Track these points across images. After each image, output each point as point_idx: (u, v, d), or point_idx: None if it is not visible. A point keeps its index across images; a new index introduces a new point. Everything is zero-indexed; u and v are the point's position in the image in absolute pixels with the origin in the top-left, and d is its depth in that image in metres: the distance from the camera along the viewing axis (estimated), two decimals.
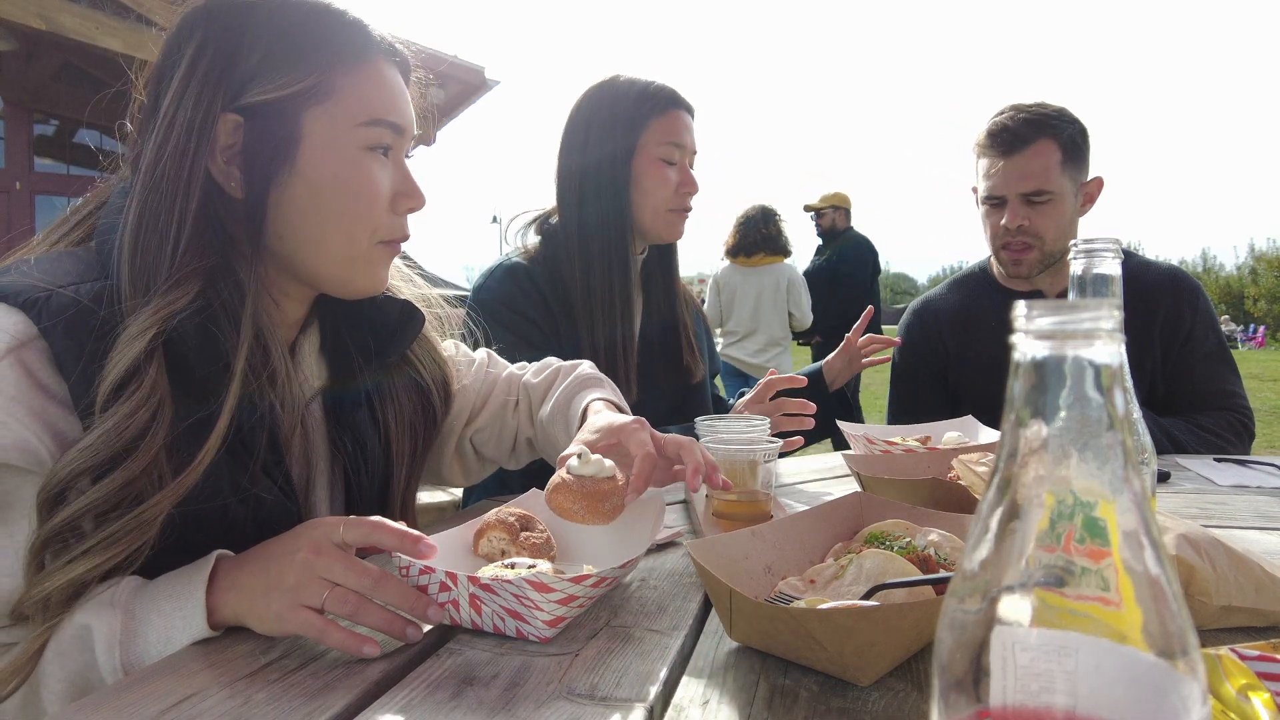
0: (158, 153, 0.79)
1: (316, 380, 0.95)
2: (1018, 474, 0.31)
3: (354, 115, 0.83)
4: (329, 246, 0.86)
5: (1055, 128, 1.59)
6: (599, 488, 0.80)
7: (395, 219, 0.89)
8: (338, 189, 0.84)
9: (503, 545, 0.79)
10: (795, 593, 0.68)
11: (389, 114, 0.86)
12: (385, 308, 0.98)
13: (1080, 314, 0.30)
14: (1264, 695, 0.46)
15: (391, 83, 0.88)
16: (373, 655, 0.61)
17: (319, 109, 0.82)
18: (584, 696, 0.54)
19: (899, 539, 0.72)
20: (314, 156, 0.83)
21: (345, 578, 0.66)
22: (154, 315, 0.73)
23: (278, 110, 0.81)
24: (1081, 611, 0.29)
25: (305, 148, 0.82)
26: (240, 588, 0.67)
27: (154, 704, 0.54)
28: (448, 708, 0.53)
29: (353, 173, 0.84)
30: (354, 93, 0.84)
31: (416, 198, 0.90)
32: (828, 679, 0.56)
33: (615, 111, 1.47)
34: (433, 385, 1.06)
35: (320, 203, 0.84)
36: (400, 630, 0.65)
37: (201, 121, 0.79)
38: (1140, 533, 0.29)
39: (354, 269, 0.88)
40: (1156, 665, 0.29)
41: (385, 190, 0.87)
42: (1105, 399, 0.30)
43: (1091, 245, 0.63)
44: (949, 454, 1.10)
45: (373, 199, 0.85)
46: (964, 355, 1.78)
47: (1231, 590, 0.63)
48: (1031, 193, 1.59)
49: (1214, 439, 1.55)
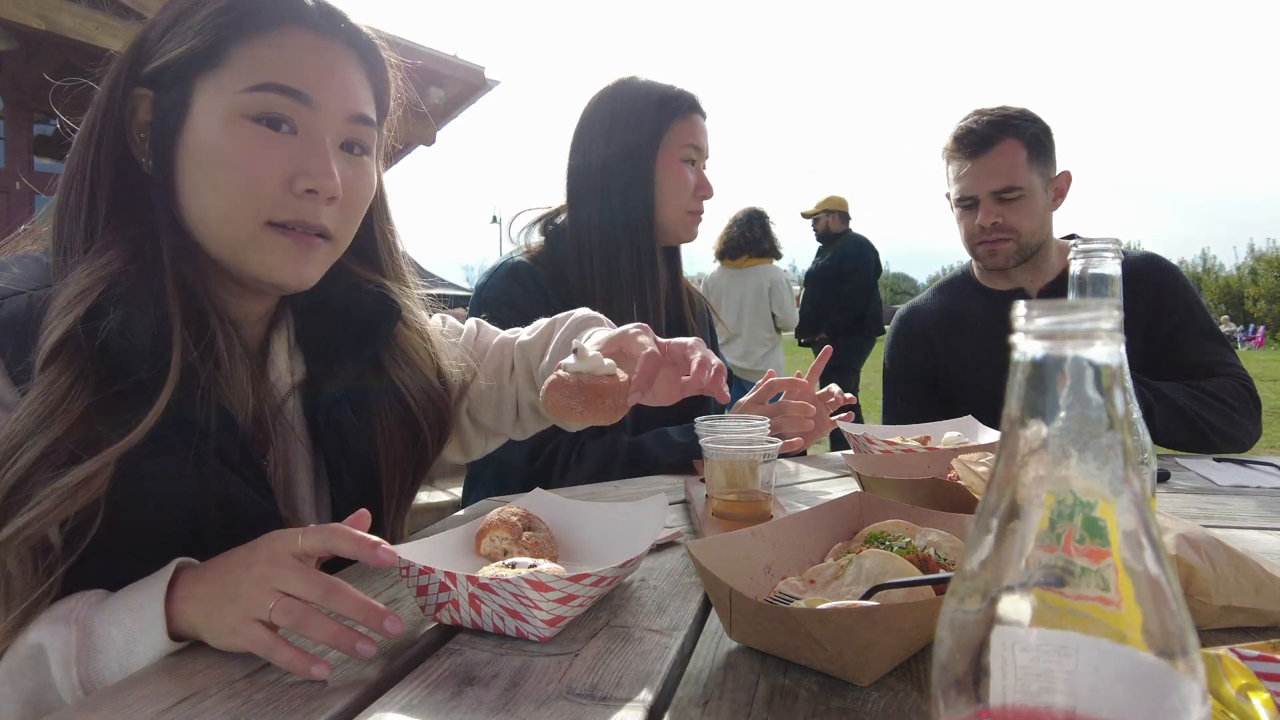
0: (79, 136, 0.79)
1: (289, 376, 0.90)
2: (1017, 474, 0.31)
3: (241, 81, 0.77)
4: (211, 226, 0.79)
5: (1018, 127, 1.65)
6: (598, 383, 0.76)
7: (292, 200, 0.79)
8: (214, 160, 0.77)
9: (505, 545, 0.79)
10: (795, 593, 0.68)
11: (284, 79, 0.77)
12: (358, 300, 0.93)
13: (1080, 314, 0.30)
14: (1264, 695, 0.46)
15: (305, 51, 0.79)
16: (321, 676, 0.57)
17: (209, 76, 0.77)
18: (584, 696, 0.54)
19: (899, 539, 0.72)
20: (198, 125, 0.77)
21: (295, 587, 0.62)
22: (80, 283, 0.72)
23: (173, 77, 0.78)
24: (1081, 611, 0.29)
25: (192, 116, 0.77)
26: (196, 598, 0.64)
27: (153, 704, 0.54)
28: (447, 708, 0.53)
29: (227, 141, 0.76)
30: (247, 58, 0.77)
31: (316, 177, 0.78)
32: (827, 679, 0.56)
33: (638, 110, 1.49)
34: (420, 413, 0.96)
35: (200, 176, 0.78)
36: (349, 644, 0.59)
37: (109, 97, 0.78)
38: (1140, 533, 0.29)
39: (242, 254, 0.80)
40: (1156, 665, 0.29)
41: (274, 164, 0.77)
42: (1105, 399, 0.30)
43: (1091, 245, 0.63)
44: (949, 454, 1.10)
45: (251, 173, 0.77)
46: (952, 358, 1.81)
47: (1231, 590, 0.63)
48: (1002, 190, 1.65)
49: (1217, 403, 1.53)
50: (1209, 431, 1.50)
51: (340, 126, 0.82)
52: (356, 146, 0.85)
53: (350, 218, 0.86)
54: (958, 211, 1.74)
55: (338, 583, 0.63)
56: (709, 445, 0.97)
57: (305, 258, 0.82)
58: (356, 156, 0.85)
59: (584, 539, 0.85)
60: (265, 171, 0.77)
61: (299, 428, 0.90)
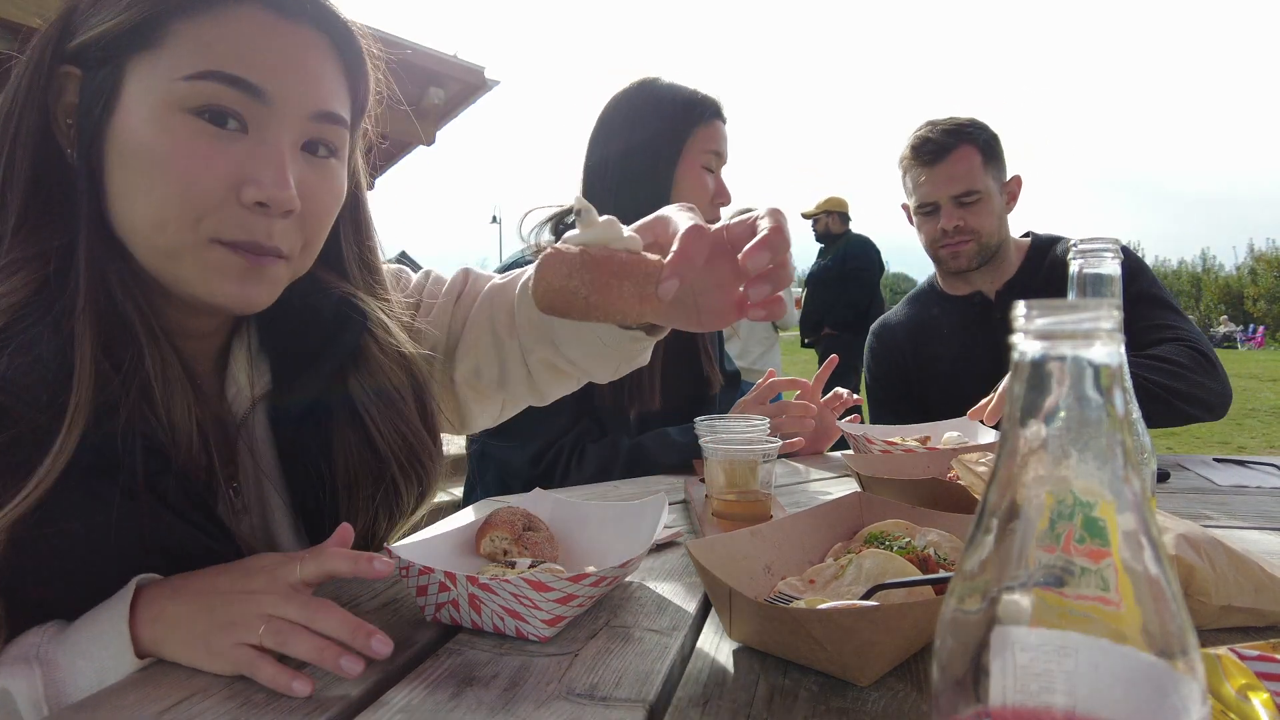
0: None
1: (250, 390, 0.80)
2: (1017, 474, 0.31)
3: (180, 67, 0.65)
4: (143, 233, 0.68)
5: (971, 134, 1.74)
6: (612, 258, 0.59)
7: (240, 213, 0.67)
8: (144, 158, 0.65)
9: (505, 545, 0.79)
10: (795, 593, 0.68)
11: (232, 67, 0.66)
12: (319, 307, 0.80)
13: (1079, 314, 0.30)
14: (1263, 695, 0.46)
15: (260, 36, 0.68)
16: (302, 693, 0.55)
17: (144, 57, 0.66)
18: (584, 696, 0.54)
19: (899, 539, 0.72)
20: (127, 115, 0.66)
21: (285, 610, 0.60)
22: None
23: (101, 55, 0.66)
24: (1081, 611, 0.29)
25: (122, 103, 0.66)
26: (169, 620, 0.61)
27: (152, 705, 0.54)
28: (447, 708, 0.53)
29: (160, 137, 0.65)
30: (190, 40, 0.65)
31: (268, 186, 0.66)
32: (827, 679, 0.56)
33: (662, 113, 1.49)
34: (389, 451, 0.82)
35: (128, 175, 0.66)
36: (333, 659, 0.57)
37: (31, 75, 0.67)
38: (1140, 533, 0.30)
39: (177, 267, 0.68)
40: (1156, 665, 0.29)
41: (217, 168, 0.66)
42: (1105, 399, 0.30)
43: (1091, 245, 0.63)
44: (948, 454, 1.10)
45: (188, 176, 0.65)
46: (924, 365, 1.87)
47: (1231, 590, 0.63)
48: (961, 194, 1.72)
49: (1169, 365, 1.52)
50: (1170, 396, 1.48)
51: (301, 125, 0.70)
52: (322, 148, 0.73)
53: (313, 234, 0.74)
54: (918, 219, 1.82)
55: (325, 603, 0.62)
56: (709, 445, 0.97)
57: (256, 278, 0.70)
58: (322, 160, 0.73)
59: (584, 539, 0.85)
60: (206, 175, 0.66)
61: (265, 446, 0.80)
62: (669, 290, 0.60)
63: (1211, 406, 1.54)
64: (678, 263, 0.60)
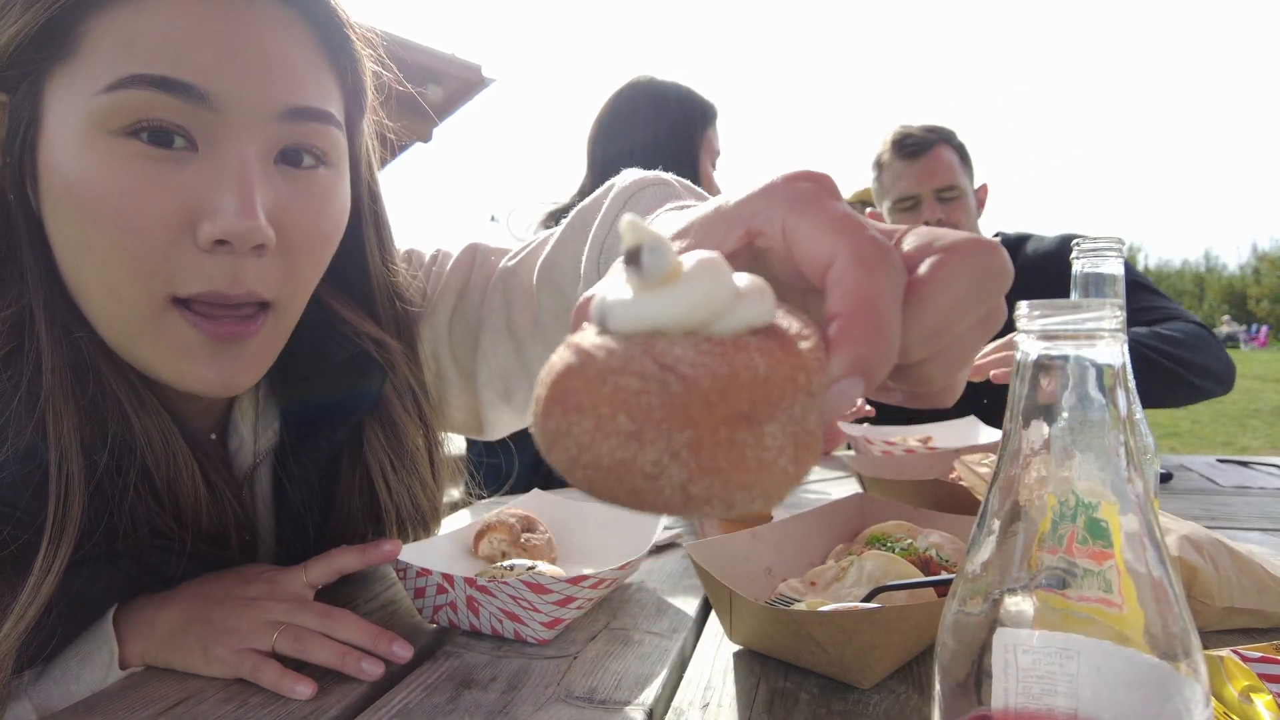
0: None
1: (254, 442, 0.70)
2: (1020, 475, 0.31)
3: (98, 76, 0.50)
4: (96, 302, 0.55)
5: (948, 137, 1.77)
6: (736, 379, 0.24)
7: (197, 258, 0.53)
8: (72, 200, 0.52)
9: (503, 547, 0.78)
10: (796, 595, 0.67)
11: (159, 65, 0.50)
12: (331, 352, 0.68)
13: (1082, 314, 0.29)
14: (1266, 697, 0.46)
15: (195, 19, 0.51)
16: (305, 695, 0.54)
17: (62, 69, 0.52)
18: (583, 700, 0.54)
19: (900, 540, 0.71)
20: (49, 146, 0.52)
21: (300, 618, 0.59)
22: None
23: (19, 73, 0.53)
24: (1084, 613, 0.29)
25: (44, 132, 0.53)
26: (163, 632, 0.59)
27: (149, 707, 0.54)
28: (445, 710, 0.53)
29: (86, 171, 0.51)
30: (109, 40, 0.51)
31: (226, 217, 0.51)
32: (828, 682, 0.56)
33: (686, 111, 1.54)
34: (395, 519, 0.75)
35: (63, 226, 0.54)
36: (355, 664, 0.56)
37: None
38: (1143, 534, 0.29)
39: (138, 348, 0.56)
40: (1159, 667, 0.28)
41: (159, 202, 0.51)
42: (1108, 399, 0.29)
43: (1094, 245, 0.63)
44: (950, 455, 1.10)
45: (123, 217, 0.51)
46: None
47: (1234, 592, 0.63)
48: (944, 188, 1.73)
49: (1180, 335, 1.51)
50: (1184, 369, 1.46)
51: (268, 129, 0.55)
52: (305, 156, 0.58)
53: (302, 269, 0.60)
54: (896, 217, 1.81)
55: (342, 611, 0.60)
56: None
57: (227, 355, 0.57)
58: (306, 171, 0.58)
59: (583, 540, 0.84)
60: (147, 217, 0.51)
61: (264, 498, 0.72)
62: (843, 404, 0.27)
63: (1222, 378, 1.53)
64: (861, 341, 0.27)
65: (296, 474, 0.70)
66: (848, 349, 0.26)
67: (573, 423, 0.24)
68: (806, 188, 0.31)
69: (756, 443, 0.24)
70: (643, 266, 0.26)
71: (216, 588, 0.63)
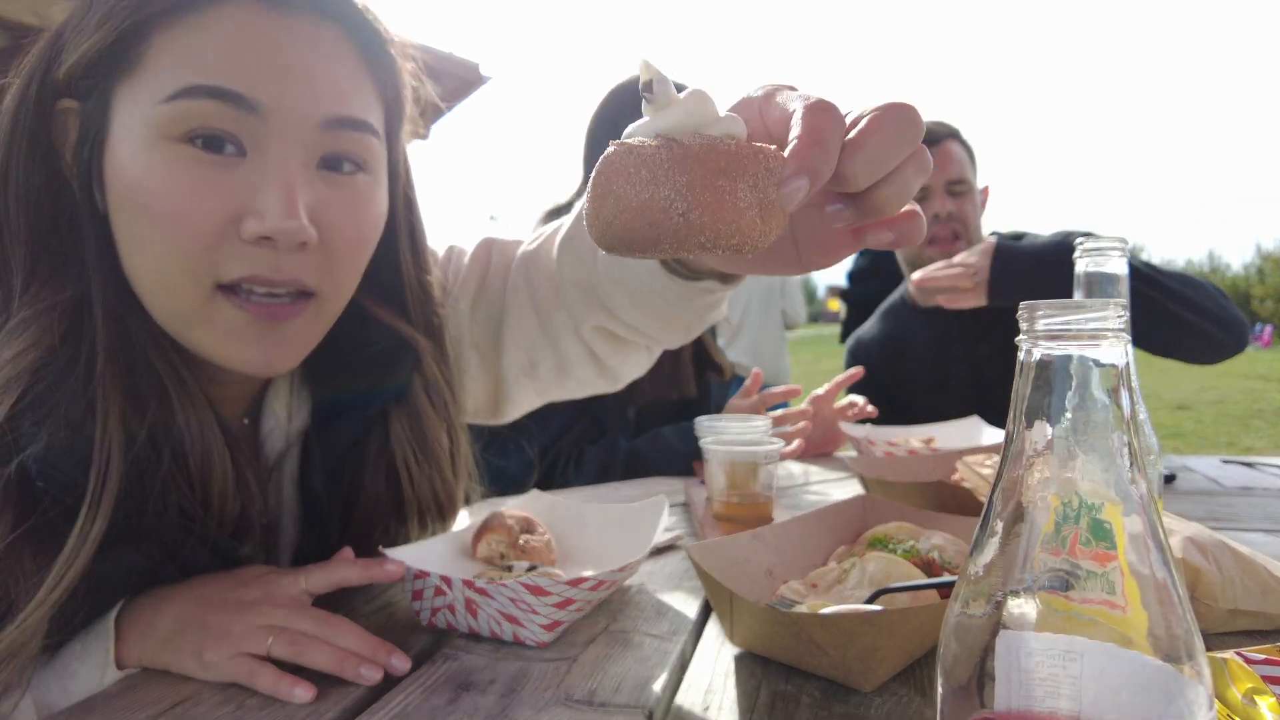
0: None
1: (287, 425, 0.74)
2: (1023, 476, 0.31)
3: (162, 85, 0.56)
4: (152, 293, 0.61)
5: (955, 133, 1.76)
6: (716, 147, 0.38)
7: (244, 251, 0.59)
8: (136, 202, 0.58)
9: (502, 548, 0.78)
10: (797, 597, 0.67)
11: (217, 76, 0.56)
12: (368, 343, 0.73)
13: (1086, 314, 0.29)
14: (1270, 699, 0.46)
15: (247, 32, 0.57)
16: (305, 699, 0.54)
17: (128, 81, 0.58)
18: (582, 702, 0.54)
19: (902, 542, 0.71)
20: (115, 151, 0.58)
21: (298, 623, 0.58)
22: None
23: (90, 84, 0.59)
24: (1087, 615, 0.29)
25: (110, 138, 0.59)
26: (160, 635, 0.59)
27: (146, 710, 0.54)
28: (444, 713, 0.52)
29: (146, 174, 0.57)
30: (170, 54, 0.57)
31: (271, 217, 0.57)
32: (830, 685, 0.56)
33: None
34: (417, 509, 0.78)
35: (128, 225, 0.59)
36: (353, 668, 0.55)
37: (18, 111, 0.59)
38: (1146, 535, 0.29)
39: (190, 330, 0.61)
40: (1162, 670, 0.28)
41: (210, 204, 0.57)
42: (1111, 400, 0.29)
43: (1098, 244, 0.63)
44: (953, 456, 1.10)
45: (181, 219, 0.57)
46: (899, 380, 1.85)
47: (1238, 593, 0.63)
48: (955, 180, 1.73)
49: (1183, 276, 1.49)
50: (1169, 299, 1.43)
51: (311, 138, 0.60)
52: (345, 163, 0.63)
53: (342, 268, 0.65)
54: None
55: (341, 618, 0.60)
56: (709, 446, 0.97)
57: (272, 335, 0.62)
58: (346, 177, 0.63)
59: (582, 542, 0.84)
60: (197, 213, 0.57)
61: (290, 483, 0.75)
62: (795, 194, 0.38)
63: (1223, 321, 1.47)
64: (806, 152, 0.39)
65: (320, 459, 0.73)
66: (798, 155, 0.39)
67: (614, 184, 0.38)
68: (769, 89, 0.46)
69: (732, 191, 0.37)
70: (654, 94, 0.40)
71: (213, 591, 0.62)
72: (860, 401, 1.57)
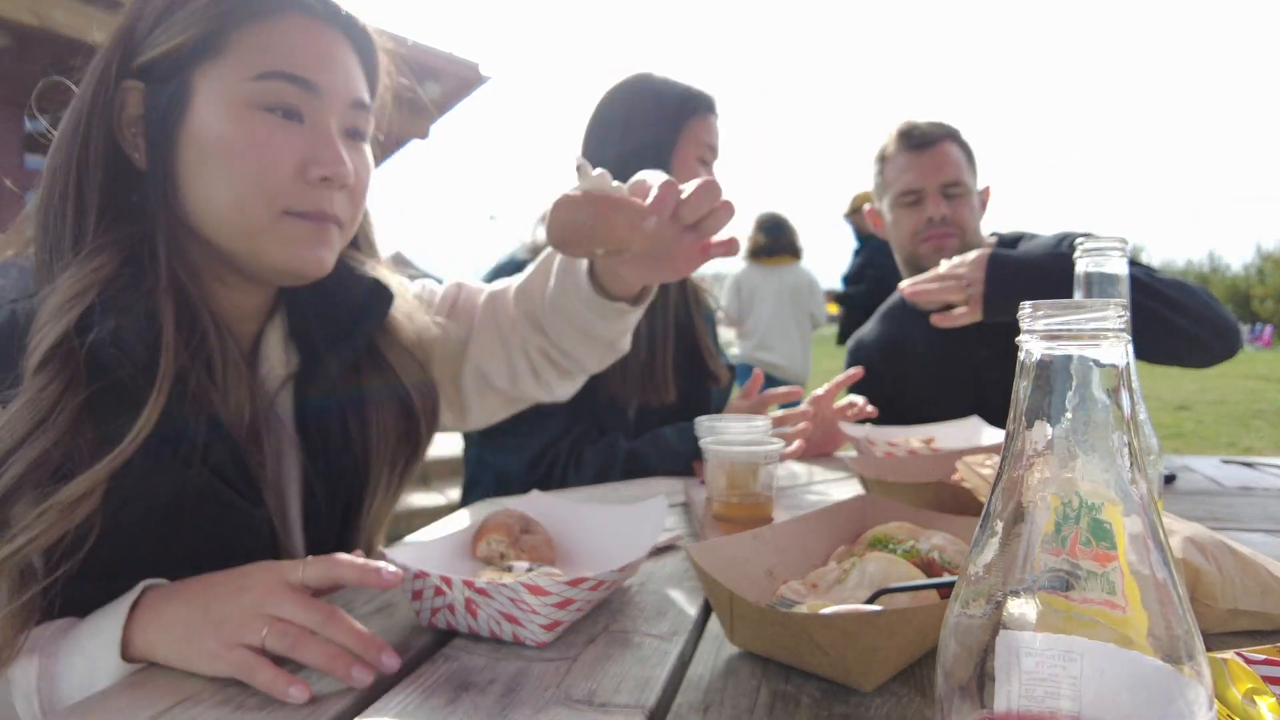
0: (61, 133, 0.76)
1: (282, 369, 0.89)
2: (1023, 476, 0.31)
3: (246, 70, 0.76)
4: (224, 217, 0.78)
5: (953, 134, 1.73)
6: (609, 195, 0.71)
7: (306, 189, 0.79)
8: (223, 151, 0.76)
9: (502, 548, 0.78)
10: (797, 597, 0.67)
11: (291, 67, 0.77)
12: (351, 286, 0.91)
13: (1086, 314, 0.29)
14: (1270, 699, 0.46)
15: (306, 38, 0.79)
16: (299, 700, 0.55)
17: (210, 65, 0.76)
18: (582, 702, 0.54)
19: (902, 542, 0.71)
20: (201, 116, 0.76)
21: (292, 613, 0.60)
22: (71, 288, 0.69)
23: (169, 69, 0.76)
24: (1087, 616, 0.29)
25: (194, 107, 0.76)
26: (165, 623, 0.62)
27: (146, 709, 0.54)
28: (443, 713, 0.52)
29: (237, 131, 0.76)
30: (250, 46, 0.77)
31: (329, 164, 0.79)
32: (830, 685, 0.56)
33: (660, 105, 1.50)
34: (416, 397, 0.95)
35: (207, 168, 0.77)
36: (345, 668, 0.57)
37: (96, 90, 0.76)
38: (1147, 536, 0.29)
39: (260, 242, 0.79)
40: (1162, 670, 0.28)
41: (286, 153, 0.78)
42: (1111, 400, 0.29)
43: (1098, 244, 0.63)
44: (953, 456, 1.10)
45: (263, 161, 0.77)
46: (899, 383, 1.83)
47: (1238, 594, 0.63)
48: (951, 183, 1.70)
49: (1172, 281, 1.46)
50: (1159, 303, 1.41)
51: (344, 113, 0.82)
52: (356, 133, 0.85)
53: (357, 205, 0.87)
54: (898, 212, 1.76)
55: (335, 610, 0.61)
56: (709, 446, 0.97)
57: (324, 242, 0.82)
58: (357, 143, 0.86)
59: (582, 542, 0.84)
60: (279, 160, 0.77)
61: (288, 422, 0.88)
62: (650, 224, 0.73)
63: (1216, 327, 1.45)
64: (656, 205, 0.73)
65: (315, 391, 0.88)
66: (653, 204, 0.72)
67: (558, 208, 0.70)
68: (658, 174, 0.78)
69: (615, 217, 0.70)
70: (580, 171, 0.72)
71: (218, 581, 0.65)
72: (860, 401, 1.57)
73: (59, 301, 0.69)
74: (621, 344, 1.04)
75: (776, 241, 4.60)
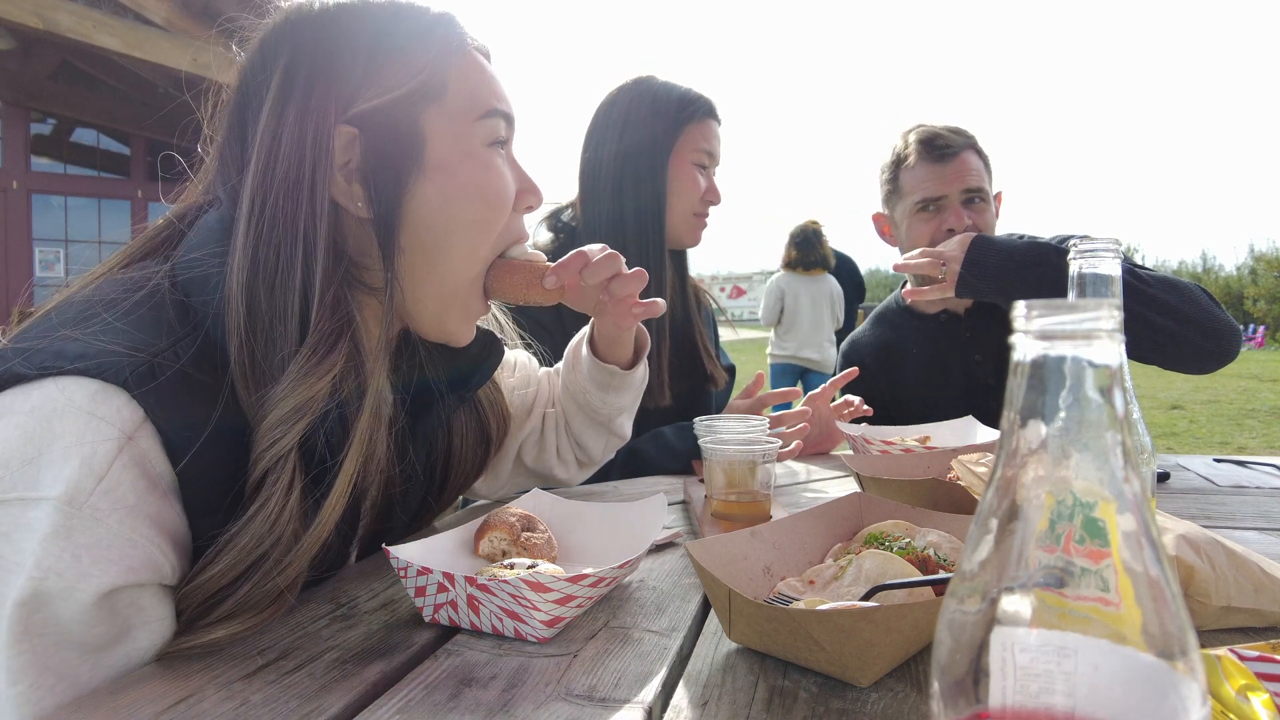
0: (265, 180, 0.70)
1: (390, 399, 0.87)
2: (1017, 474, 0.31)
3: (470, 109, 0.78)
4: (452, 260, 0.79)
5: (972, 142, 1.73)
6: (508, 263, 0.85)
7: (516, 220, 0.84)
8: (472, 192, 0.78)
9: (503, 546, 0.79)
10: (794, 593, 0.67)
11: (501, 103, 0.81)
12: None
13: (1079, 314, 0.30)
14: (1263, 696, 0.46)
15: (492, 71, 0.83)
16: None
17: (435, 107, 0.77)
18: (582, 698, 0.54)
19: (898, 539, 0.72)
20: (442, 158, 0.77)
21: None
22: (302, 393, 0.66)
23: (394, 114, 0.75)
24: (1081, 612, 0.29)
25: (431, 149, 0.76)
26: None
27: (149, 706, 0.54)
28: (445, 709, 0.53)
29: (483, 173, 0.79)
30: (464, 85, 0.79)
31: (538, 193, 0.85)
32: (827, 680, 0.56)
33: (656, 109, 1.49)
34: (491, 413, 1.02)
35: (451, 211, 0.78)
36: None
37: (314, 138, 0.71)
38: (1140, 533, 0.29)
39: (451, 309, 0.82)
40: (1156, 666, 0.28)
41: (510, 188, 0.82)
42: (1104, 399, 0.30)
43: (1091, 245, 0.63)
44: (948, 454, 1.10)
45: (504, 200, 0.81)
46: (893, 386, 1.83)
47: (1231, 591, 0.63)
48: (972, 189, 1.69)
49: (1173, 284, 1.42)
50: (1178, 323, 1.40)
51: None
52: None
53: None
54: (914, 220, 1.73)
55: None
56: (708, 445, 0.97)
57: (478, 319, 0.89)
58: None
59: (583, 540, 0.85)
60: (506, 194, 0.82)
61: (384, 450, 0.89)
62: (550, 282, 0.87)
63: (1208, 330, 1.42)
64: (556, 268, 0.87)
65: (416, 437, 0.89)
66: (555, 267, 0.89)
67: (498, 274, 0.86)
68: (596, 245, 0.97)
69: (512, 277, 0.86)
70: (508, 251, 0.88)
71: None
72: (856, 400, 1.58)
73: (290, 409, 0.66)
74: (618, 425, 1.15)
75: (808, 256, 5.24)
